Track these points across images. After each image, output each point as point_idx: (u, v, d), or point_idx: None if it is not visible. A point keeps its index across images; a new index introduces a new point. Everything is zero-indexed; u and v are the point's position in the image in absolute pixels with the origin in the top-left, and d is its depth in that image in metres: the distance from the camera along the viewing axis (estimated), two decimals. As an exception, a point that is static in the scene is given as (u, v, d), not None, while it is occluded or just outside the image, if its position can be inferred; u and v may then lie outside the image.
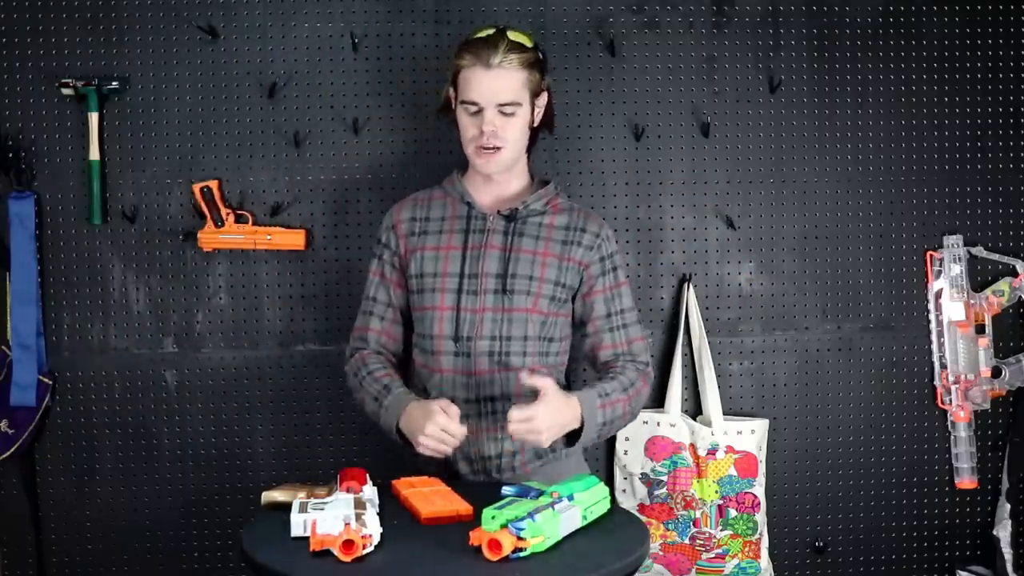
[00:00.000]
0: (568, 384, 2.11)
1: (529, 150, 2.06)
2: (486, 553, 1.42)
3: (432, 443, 1.79)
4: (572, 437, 1.89)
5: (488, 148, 1.93)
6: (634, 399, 1.94)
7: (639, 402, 1.97)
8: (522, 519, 1.45)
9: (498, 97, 1.91)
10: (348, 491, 1.64)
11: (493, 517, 1.47)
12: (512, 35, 1.95)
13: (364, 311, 2.07)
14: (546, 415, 1.77)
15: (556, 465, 1.98)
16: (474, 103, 1.92)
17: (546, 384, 1.79)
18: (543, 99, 2.03)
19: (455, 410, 1.81)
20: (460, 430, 1.80)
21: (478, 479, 1.98)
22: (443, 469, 1.97)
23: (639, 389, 1.96)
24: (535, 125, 2.03)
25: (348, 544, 1.42)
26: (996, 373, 2.55)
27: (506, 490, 1.62)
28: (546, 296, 1.97)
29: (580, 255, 2.00)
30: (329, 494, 1.65)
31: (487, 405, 1.97)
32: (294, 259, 2.46)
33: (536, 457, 1.98)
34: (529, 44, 1.97)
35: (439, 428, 1.78)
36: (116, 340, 2.45)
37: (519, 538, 1.43)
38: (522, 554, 1.43)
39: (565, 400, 1.83)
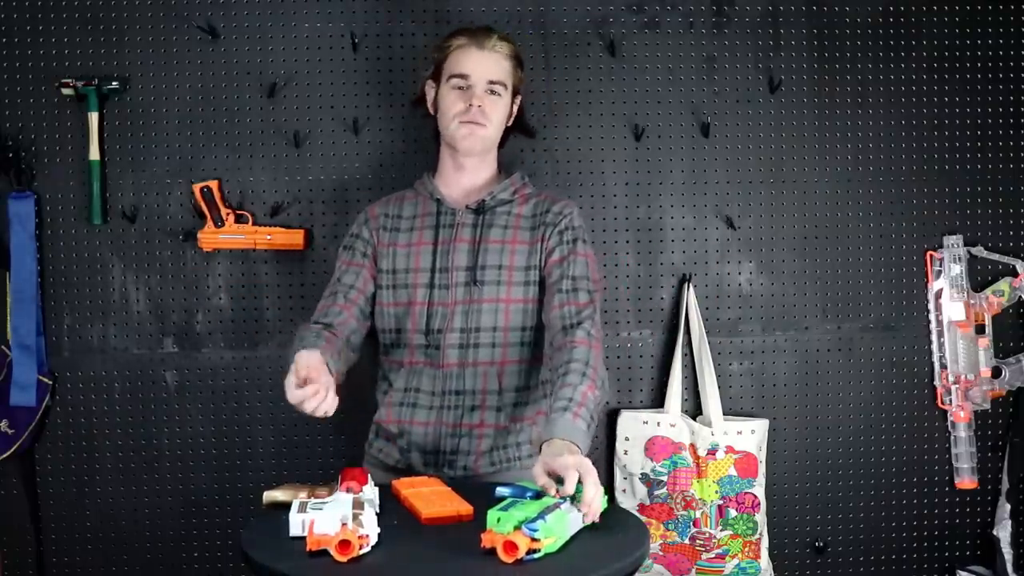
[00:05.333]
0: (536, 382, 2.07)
1: (500, 148, 2.11)
2: (501, 555, 1.41)
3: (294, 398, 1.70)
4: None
5: (473, 122, 1.97)
6: (595, 376, 1.82)
7: (601, 372, 1.85)
8: (534, 520, 1.44)
9: (489, 74, 1.98)
10: (348, 491, 1.64)
11: (499, 519, 1.46)
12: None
13: (328, 293, 2.02)
14: (572, 464, 1.61)
15: (509, 474, 1.95)
16: (465, 76, 1.98)
17: (546, 475, 1.64)
18: (519, 100, 2.09)
19: (307, 380, 1.69)
20: (297, 395, 1.69)
21: (427, 472, 1.95)
22: (398, 460, 1.99)
23: (595, 360, 1.84)
24: (509, 124, 2.09)
25: (344, 544, 1.41)
26: (996, 373, 2.55)
27: (500, 490, 1.61)
28: (517, 283, 1.98)
29: (543, 232, 2.00)
30: (330, 494, 1.65)
31: (451, 399, 1.98)
32: (294, 259, 2.46)
33: (490, 464, 1.98)
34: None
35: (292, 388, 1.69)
36: (116, 340, 2.45)
37: (533, 539, 1.42)
38: (536, 555, 1.43)
39: (559, 446, 1.69)
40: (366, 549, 1.45)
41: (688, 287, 2.51)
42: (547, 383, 2.07)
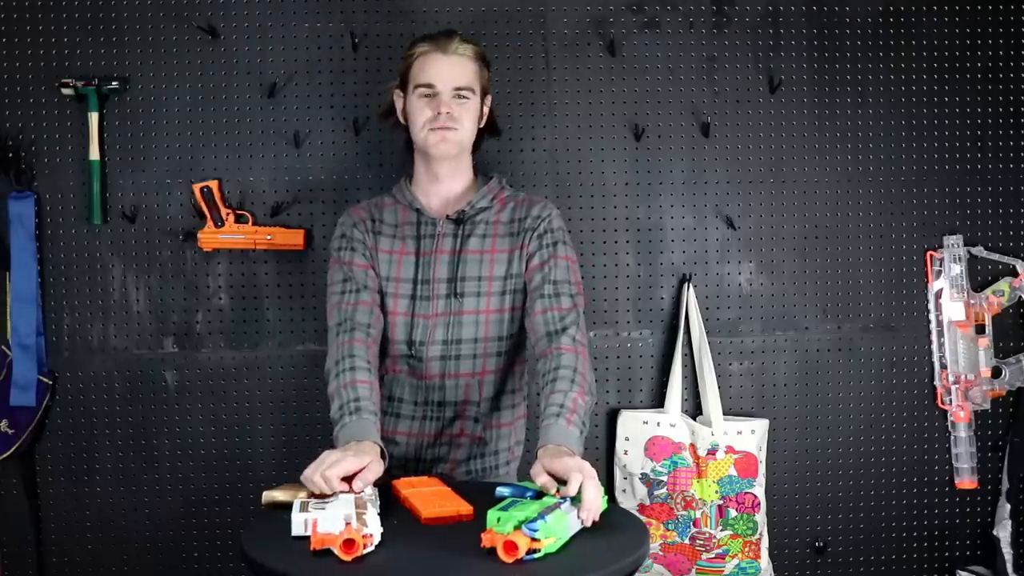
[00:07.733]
0: (521, 385, 2.08)
1: (474, 151, 2.06)
2: (501, 555, 1.41)
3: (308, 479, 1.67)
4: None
5: (443, 128, 1.93)
6: (583, 383, 1.82)
7: (589, 377, 1.86)
8: (534, 520, 1.44)
9: (455, 81, 1.94)
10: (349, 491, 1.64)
11: (499, 519, 1.46)
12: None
13: (343, 291, 1.95)
14: (576, 468, 1.62)
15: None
16: (431, 85, 1.94)
17: (546, 473, 1.64)
18: (488, 101, 2.04)
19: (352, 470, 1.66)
20: (329, 486, 1.64)
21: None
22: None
23: (582, 366, 1.84)
24: (480, 126, 2.03)
25: (349, 543, 1.42)
26: (996, 373, 2.55)
27: (501, 490, 1.62)
28: (496, 293, 1.97)
29: (523, 239, 1.98)
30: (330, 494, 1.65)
31: (434, 409, 1.99)
32: (294, 259, 2.46)
33: (466, 473, 2.00)
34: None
35: (318, 473, 1.65)
36: (116, 340, 2.45)
37: (533, 539, 1.43)
38: (536, 555, 1.43)
39: (556, 451, 1.70)
40: (370, 548, 1.45)
41: (688, 287, 2.51)
42: (520, 390, 2.08)
